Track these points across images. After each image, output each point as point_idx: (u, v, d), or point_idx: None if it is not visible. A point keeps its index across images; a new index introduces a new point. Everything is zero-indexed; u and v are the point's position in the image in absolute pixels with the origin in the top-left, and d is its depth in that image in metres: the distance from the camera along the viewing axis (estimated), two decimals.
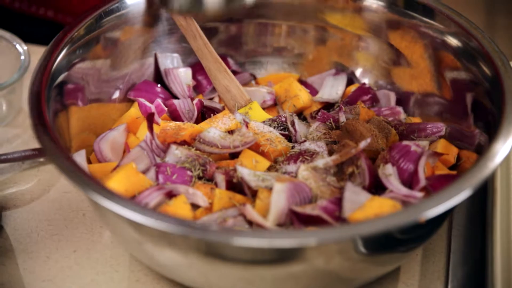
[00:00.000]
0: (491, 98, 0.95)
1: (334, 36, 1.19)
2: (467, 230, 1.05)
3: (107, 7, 1.09)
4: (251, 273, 0.86)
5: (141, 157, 0.99)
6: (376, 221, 0.78)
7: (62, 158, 0.85)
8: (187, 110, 1.11)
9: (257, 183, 0.96)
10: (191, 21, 1.10)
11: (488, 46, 0.99)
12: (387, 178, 0.95)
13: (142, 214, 0.79)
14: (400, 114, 1.14)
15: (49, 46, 1.00)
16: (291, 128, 1.07)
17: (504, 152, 0.85)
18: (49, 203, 1.10)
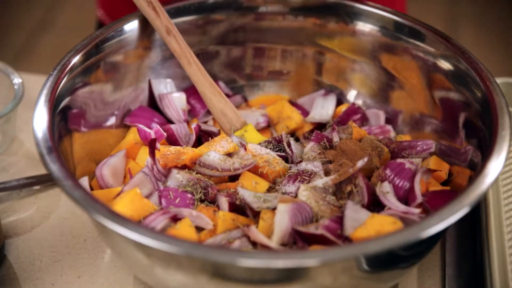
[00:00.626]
0: (482, 118, 0.99)
1: (324, 58, 1.22)
2: (459, 241, 1.09)
3: (104, 35, 1.11)
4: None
5: (144, 182, 1.01)
6: (382, 239, 0.81)
7: (73, 185, 0.87)
8: (184, 134, 1.13)
9: (259, 204, 0.98)
10: (185, 46, 1.13)
11: (477, 68, 1.03)
12: (385, 195, 0.99)
13: (155, 238, 0.81)
14: (390, 132, 1.17)
15: (52, 73, 1.02)
16: (287, 150, 1.10)
17: (497, 169, 0.89)
18: (50, 230, 1.12)
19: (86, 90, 1.08)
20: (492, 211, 1.01)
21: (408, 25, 1.13)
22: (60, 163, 0.90)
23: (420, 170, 1.02)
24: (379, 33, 1.16)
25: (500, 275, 0.93)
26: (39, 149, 0.92)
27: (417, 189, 0.99)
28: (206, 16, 1.19)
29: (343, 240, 0.93)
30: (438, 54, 1.09)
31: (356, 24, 1.17)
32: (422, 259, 1.01)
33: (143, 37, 1.16)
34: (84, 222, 1.13)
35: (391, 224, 0.91)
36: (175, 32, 1.13)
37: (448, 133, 1.08)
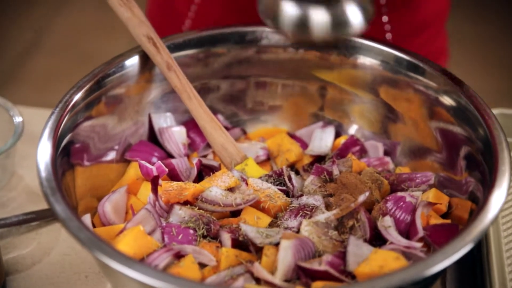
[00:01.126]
0: (481, 151, 1.00)
1: (325, 91, 1.24)
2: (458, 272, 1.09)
3: (105, 71, 1.11)
4: None
5: (147, 219, 1.02)
6: (388, 277, 0.81)
7: (78, 226, 0.87)
8: (184, 169, 1.14)
9: (261, 240, 0.99)
10: (186, 81, 1.14)
11: (476, 102, 1.04)
12: (387, 230, 1.00)
13: (161, 279, 0.81)
14: (389, 164, 1.18)
15: (54, 110, 1.03)
16: (288, 184, 1.11)
17: (499, 203, 0.90)
18: (51, 266, 1.12)
19: (88, 126, 1.09)
20: (492, 243, 1.02)
21: (407, 59, 1.14)
22: (65, 204, 0.90)
23: (421, 204, 1.02)
24: (380, 67, 1.17)
25: None
26: (44, 190, 0.92)
27: (419, 223, 1.00)
28: (206, 49, 1.20)
29: (347, 276, 0.93)
30: (438, 88, 1.10)
31: (357, 58, 1.18)
32: None
33: (143, 72, 1.17)
34: (85, 258, 1.13)
35: (394, 260, 0.92)
36: (176, 67, 1.14)
37: (448, 165, 1.10)
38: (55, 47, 3.29)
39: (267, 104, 1.26)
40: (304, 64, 1.22)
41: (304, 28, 0.89)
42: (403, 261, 0.91)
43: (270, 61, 1.23)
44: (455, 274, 1.09)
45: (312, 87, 1.24)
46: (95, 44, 3.27)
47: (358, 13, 0.91)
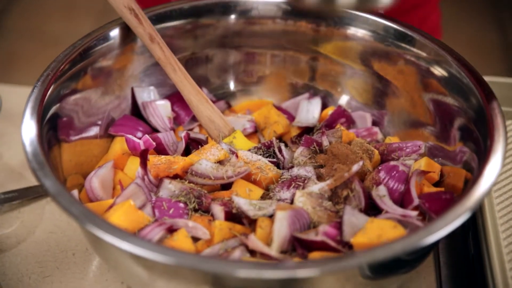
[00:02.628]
0: (475, 120, 0.99)
1: (314, 62, 1.22)
2: (451, 241, 1.09)
3: (86, 44, 1.08)
4: None
5: (137, 193, 0.99)
6: (390, 245, 0.80)
7: (70, 200, 0.84)
8: (171, 143, 1.11)
9: (255, 212, 0.97)
10: (170, 54, 1.11)
11: (470, 73, 1.03)
12: (382, 199, 0.99)
13: (161, 252, 0.79)
14: (377, 134, 1.17)
15: (37, 84, 0.99)
16: (279, 155, 1.09)
17: (495, 171, 0.89)
18: (36, 245, 1.09)
19: (70, 100, 1.06)
20: (487, 210, 1.02)
21: (397, 28, 1.13)
22: (54, 178, 0.87)
23: (415, 173, 1.01)
24: (370, 37, 1.16)
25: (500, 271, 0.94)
26: (31, 164, 0.89)
27: (413, 192, 0.99)
28: (194, 21, 1.17)
29: (343, 246, 0.92)
30: (429, 58, 1.09)
31: (347, 28, 1.17)
32: (421, 263, 1.01)
33: (125, 45, 1.14)
34: (71, 236, 1.10)
35: (391, 228, 0.90)
36: (159, 39, 1.11)
37: (440, 136, 1.09)
38: (17, 28, 3.22)
39: (256, 75, 1.24)
40: (294, 35, 1.20)
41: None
42: (401, 229, 0.90)
43: (260, 32, 1.20)
44: (446, 244, 1.09)
45: (303, 57, 1.22)
46: (58, 26, 3.21)
47: None
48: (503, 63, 3.02)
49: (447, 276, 1.03)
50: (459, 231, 1.10)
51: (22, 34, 3.19)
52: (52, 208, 1.14)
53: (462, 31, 3.15)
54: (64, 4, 3.37)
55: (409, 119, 1.15)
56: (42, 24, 3.25)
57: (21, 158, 1.23)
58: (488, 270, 0.95)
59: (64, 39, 3.02)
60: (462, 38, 3.10)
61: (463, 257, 1.06)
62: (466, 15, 3.31)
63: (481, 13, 3.35)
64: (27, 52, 3.05)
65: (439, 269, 1.05)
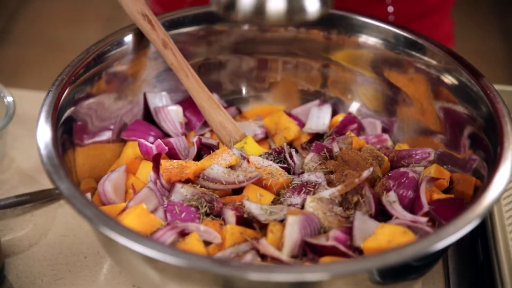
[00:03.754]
0: (484, 128, 1.00)
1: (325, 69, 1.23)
2: (460, 248, 1.10)
3: (100, 49, 1.10)
4: None
5: (150, 197, 1.00)
6: (400, 250, 0.81)
7: (84, 202, 0.85)
8: (183, 148, 1.12)
9: (266, 217, 0.98)
10: (182, 59, 1.13)
11: (480, 82, 1.04)
12: (392, 205, 0.99)
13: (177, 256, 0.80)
14: (387, 141, 1.18)
15: (51, 88, 1.01)
16: (289, 161, 1.10)
17: (505, 177, 0.90)
18: (48, 248, 1.10)
19: (84, 104, 1.07)
20: (496, 217, 1.02)
21: (407, 37, 1.14)
22: (68, 181, 0.88)
23: (425, 179, 1.02)
24: (382, 46, 1.17)
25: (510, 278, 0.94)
26: (46, 167, 0.90)
27: (423, 198, 1.00)
28: (207, 27, 1.18)
29: (354, 251, 0.93)
30: (440, 67, 1.10)
31: (358, 36, 1.18)
32: (431, 269, 1.02)
33: (138, 50, 1.15)
34: (83, 239, 1.11)
35: (402, 234, 0.91)
36: (172, 45, 1.12)
37: (450, 144, 1.09)
38: (25, 34, 3.24)
39: (268, 81, 1.25)
40: (306, 43, 1.21)
41: (259, 14, 0.87)
42: (411, 235, 0.91)
43: (272, 39, 1.22)
44: (456, 251, 1.09)
45: (314, 65, 1.24)
46: (65, 33, 3.23)
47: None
48: (509, 72, 3.03)
49: (456, 283, 1.04)
50: (468, 238, 1.11)
51: (30, 40, 3.21)
52: (65, 211, 1.15)
53: (469, 40, 3.16)
54: (72, 10, 3.39)
55: (419, 127, 1.16)
56: (50, 30, 3.27)
57: (33, 162, 1.25)
58: (498, 277, 0.96)
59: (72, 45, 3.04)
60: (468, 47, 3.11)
61: (472, 264, 1.07)
62: (472, 24, 3.32)
63: (487, 22, 3.36)
64: (35, 58, 3.07)
65: (448, 276, 1.05)
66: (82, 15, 3.37)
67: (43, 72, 2.80)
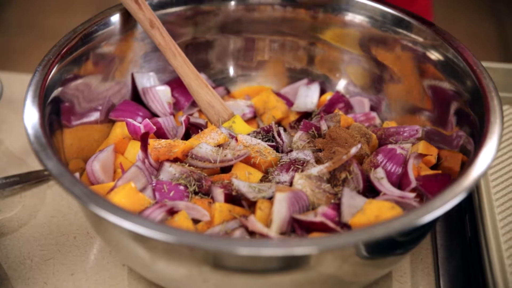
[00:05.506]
0: (471, 104, 1.01)
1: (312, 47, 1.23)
2: (447, 224, 1.10)
3: (86, 30, 1.09)
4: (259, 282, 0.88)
5: (138, 176, 1.00)
6: (388, 223, 0.81)
7: (72, 181, 0.85)
8: (171, 127, 1.12)
9: (254, 195, 0.98)
10: (170, 39, 1.12)
11: (466, 57, 1.04)
12: (380, 181, 1.00)
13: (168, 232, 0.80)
14: (375, 119, 1.19)
15: (38, 69, 1.00)
16: (278, 139, 1.10)
17: (491, 152, 0.90)
18: (38, 228, 1.10)
19: (71, 85, 1.07)
20: (484, 193, 1.03)
21: (394, 14, 1.14)
22: (56, 159, 0.88)
23: (412, 155, 1.03)
24: (368, 23, 1.17)
25: (497, 253, 0.95)
26: (33, 146, 0.90)
27: (411, 174, 1.00)
28: (194, 7, 1.18)
29: (342, 227, 0.93)
30: (425, 43, 1.10)
31: (344, 15, 1.18)
32: (418, 244, 1.03)
33: (125, 30, 1.15)
34: (72, 220, 1.11)
35: (389, 209, 0.92)
36: (159, 24, 1.12)
37: (437, 121, 1.10)
38: (14, 23, 3.22)
39: (255, 60, 1.25)
40: (292, 22, 1.21)
41: None
42: (399, 210, 0.92)
43: (259, 18, 1.22)
44: (444, 227, 1.10)
45: (301, 43, 1.24)
46: (56, 20, 3.20)
47: None
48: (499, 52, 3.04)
49: (444, 258, 1.05)
50: (456, 213, 1.11)
51: (20, 28, 3.19)
52: (54, 192, 1.15)
53: (458, 22, 3.16)
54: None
55: (406, 104, 1.17)
56: (40, 18, 3.25)
57: (22, 143, 1.24)
58: (485, 252, 0.96)
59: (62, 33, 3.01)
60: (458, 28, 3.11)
61: (460, 240, 1.08)
62: (462, 5, 3.32)
63: (477, 4, 3.36)
64: (25, 46, 3.05)
65: (437, 251, 1.06)
66: (72, 3, 3.35)
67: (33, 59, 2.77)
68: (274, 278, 0.87)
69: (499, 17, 3.26)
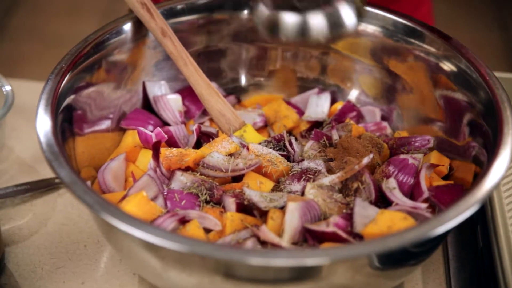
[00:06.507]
0: (484, 115, 1.00)
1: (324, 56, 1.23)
2: (459, 234, 1.10)
3: (98, 38, 1.09)
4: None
5: (150, 185, 1.00)
6: (401, 234, 0.81)
7: (85, 189, 0.85)
8: (182, 136, 1.12)
9: (266, 204, 0.98)
10: (181, 48, 1.12)
11: (479, 68, 1.04)
12: (392, 191, 0.99)
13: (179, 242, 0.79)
14: (386, 129, 1.18)
15: (50, 77, 1.00)
16: (289, 148, 1.10)
17: (505, 163, 0.90)
18: (48, 237, 1.10)
19: (83, 93, 1.07)
20: (496, 204, 1.03)
21: (406, 24, 1.14)
22: (68, 167, 0.88)
23: (424, 166, 1.02)
24: (380, 33, 1.17)
25: (510, 264, 0.95)
26: (46, 155, 0.90)
27: (423, 184, 1.00)
28: (206, 16, 1.18)
29: (354, 237, 0.93)
30: (438, 54, 1.10)
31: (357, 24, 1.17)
32: (430, 255, 1.02)
33: (137, 39, 1.15)
34: (83, 228, 1.11)
35: (402, 220, 0.91)
36: (171, 33, 1.12)
37: (449, 130, 1.09)
38: (21, 29, 3.23)
39: (267, 69, 1.25)
40: None
41: (304, 34, 0.95)
42: (411, 221, 0.91)
43: None
44: (455, 238, 1.10)
45: (313, 53, 1.24)
46: (62, 26, 3.22)
47: (351, 13, 0.98)
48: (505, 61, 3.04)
49: (455, 269, 1.04)
50: (468, 224, 1.11)
51: (27, 34, 3.20)
52: (64, 201, 1.15)
53: (463, 30, 3.16)
54: (68, 4, 3.38)
55: (418, 114, 1.16)
56: (46, 24, 3.26)
57: (32, 151, 1.25)
58: (498, 263, 0.96)
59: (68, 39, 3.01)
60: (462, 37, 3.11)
61: (472, 251, 1.07)
62: (466, 14, 3.32)
63: (482, 12, 3.36)
64: (32, 52, 3.06)
65: (448, 262, 1.06)
66: (78, 9, 3.36)
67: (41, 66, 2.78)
68: None
69: (504, 25, 3.26)
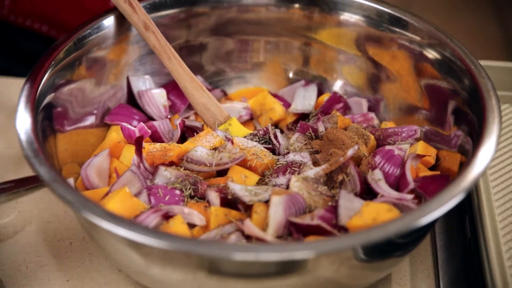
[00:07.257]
0: (469, 103, 0.99)
1: (308, 47, 1.22)
2: (447, 225, 1.09)
3: (80, 33, 1.08)
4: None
5: (133, 181, 0.99)
6: (384, 226, 0.80)
7: (64, 187, 0.84)
8: (167, 131, 1.11)
9: (250, 198, 0.97)
10: (165, 42, 1.11)
11: (463, 56, 1.03)
12: (377, 183, 0.99)
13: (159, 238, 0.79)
14: (373, 120, 1.17)
15: (31, 74, 0.99)
16: (274, 141, 1.09)
17: (490, 152, 0.89)
18: (33, 235, 1.09)
19: (65, 89, 1.06)
20: (483, 194, 1.02)
21: (391, 13, 1.13)
22: (48, 165, 0.87)
23: (410, 157, 1.01)
24: (364, 23, 1.16)
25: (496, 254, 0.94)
26: (25, 152, 0.89)
27: (409, 175, 0.99)
28: (187, 9, 1.17)
29: (339, 230, 0.92)
30: (422, 42, 1.09)
31: (340, 14, 1.17)
32: (417, 246, 1.01)
33: (119, 34, 1.14)
34: (68, 225, 1.10)
35: (387, 212, 0.90)
36: (153, 27, 1.11)
37: (435, 121, 1.08)
38: None
39: (250, 62, 1.24)
40: (287, 22, 1.20)
41: None
42: (396, 212, 0.90)
43: (253, 19, 1.20)
44: (443, 228, 1.09)
45: (297, 44, 1.23)
46: None
47: None
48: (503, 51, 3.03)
49: (444, 259, 1.04)
50: (455, 214, 1.10)
51: None
52: (49, 198, 1.14)
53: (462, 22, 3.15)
54: None
55: (404, 104, 1.15)
56: None
57: (17, 149, 1.23)
58: (484, 254, 0.95)
59: None
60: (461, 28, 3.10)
61: (459, 241, 1.06)
62: (465, 5, 3.31)
63: (479, 3, 3.35)
64: None
65: (436, 253, 1.05)
66: None
67: None
68: (270, 283, 0.85)
69: (502, 16, 3.25)
